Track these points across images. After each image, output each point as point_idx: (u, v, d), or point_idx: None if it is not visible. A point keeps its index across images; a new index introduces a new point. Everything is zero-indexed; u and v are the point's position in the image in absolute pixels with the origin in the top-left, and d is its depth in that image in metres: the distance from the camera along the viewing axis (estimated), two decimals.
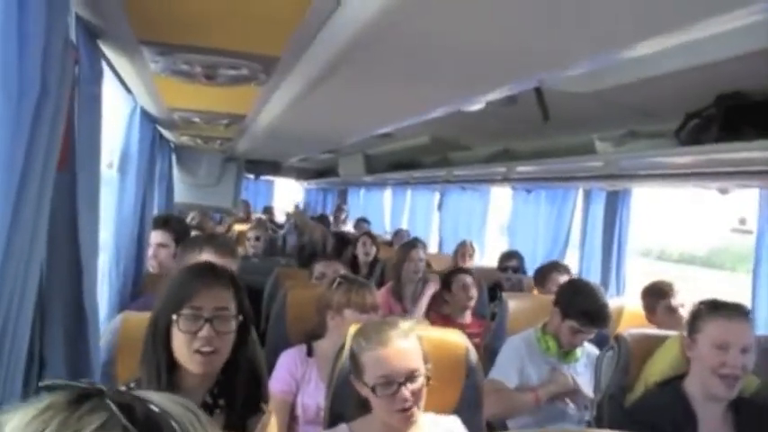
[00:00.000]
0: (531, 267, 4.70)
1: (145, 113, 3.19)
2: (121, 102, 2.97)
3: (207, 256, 2.49)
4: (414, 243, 4.37)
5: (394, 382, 1.76)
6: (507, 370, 2.82)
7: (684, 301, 3.14)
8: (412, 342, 1.83)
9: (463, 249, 5.49)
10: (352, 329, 2.06)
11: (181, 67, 2.08)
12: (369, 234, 5.57)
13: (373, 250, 5.24)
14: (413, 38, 1.64)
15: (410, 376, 1.77)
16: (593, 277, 4.18)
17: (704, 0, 1.21)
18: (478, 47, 1.70)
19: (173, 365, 1.63)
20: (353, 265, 5.07)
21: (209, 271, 1.71)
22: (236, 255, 2.69)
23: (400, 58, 1.89)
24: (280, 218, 10.27)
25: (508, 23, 1.48)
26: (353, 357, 1.87)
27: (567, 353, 2.87)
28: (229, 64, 2.04)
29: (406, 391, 1.75)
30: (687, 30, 1.36)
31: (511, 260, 4.77)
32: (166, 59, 2.03)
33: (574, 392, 2.80)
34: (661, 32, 1.40)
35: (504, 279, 4.64)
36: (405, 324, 1.87)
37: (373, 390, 1.77)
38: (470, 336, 2.32)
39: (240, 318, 1.66)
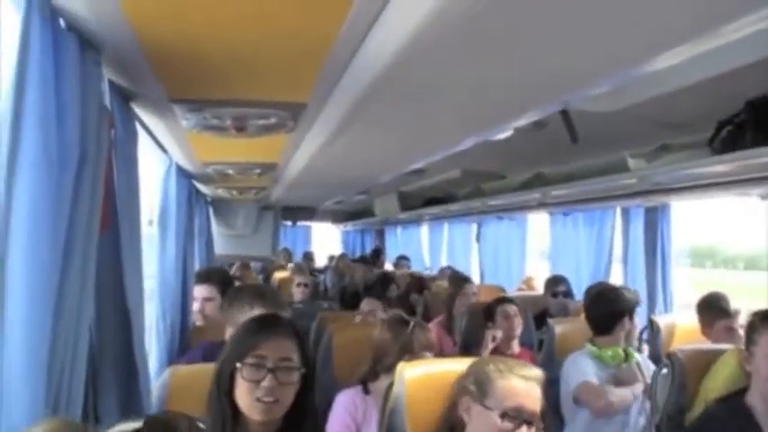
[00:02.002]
0: (575, 291, 4.63)
1: (180, 169, 3.26)
2: (157, 160, 3.05)
3: (258, 311, 2.50)
4: (466, 278, 4.50)
5: (520, 417, 1.79)
6: (586, 374, 2.83)
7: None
8: (541, 391, 1.87)
9: (527, 280, 5.56)
10: (401, 367, 2.06)
11: (211, 121, 2.14)
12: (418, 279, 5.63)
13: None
14: (435, 72, 1.66)
15: (533, 419, 1.80)
16: (640, 288, 4.12)
17: (722, 6, 1.20)
18: (500, 75, 1.72)
19: (236, 414, 1.65)
20: (408, 303, 5.11)
21: (273, 322, 1.74)
22: (285, 307, 2.71)
23: (425, 94, 1.91)
24: (319, 262, 10.31)
25: (529, 49, 1.50)
26: (481, 378, 1.88)
27: (627, 355, 2.89)
28: (258, 114, 2.09)
29: (527, 431, 1.78)
30: (708, 37, 1.36)
31: (559, 285, 4.69)
32: (197, 115, 2.09)
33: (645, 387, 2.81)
34: (682, 42, 1.39)
35: (553, 305, 4.57)
36: (540, 372, 1.92)
37: (501, 417, 1.79)
38: None
39: (303, 369, 1.67)
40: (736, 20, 1.24)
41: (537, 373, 1.90)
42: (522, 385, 1.83)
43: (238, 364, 1.63)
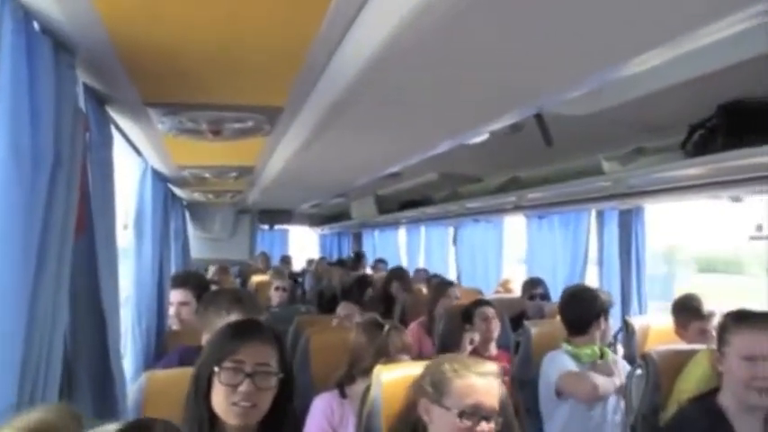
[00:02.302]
0: (551, 292, 4.67)
1: (156, 173, 3.23)
2: (132, 163, 3.03)
3: (235, 316, 2.49)
4: (450, 282, 4.65)
5: (478, 414, 1.80)
6: (566, 366, 2.87)
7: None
8: (498, 386, 1.88)
9: (505, 282, 5.62)
10: (378, 370, 2.07)
11: (187, 125, 2.13)
12: (400, 277, 5.60)
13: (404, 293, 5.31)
14: (411, 76, 1.67)
15: (491, 415, 1.81)
16: (614, 296, 4.16)
17: (695, 10, 1.22)
18: (476, 79, 1.73)
19: (213, 418, 1.64)
20: (387, 304, 5.10)
21: (252, 327, 1.74)
22: (262, 311, 2.70)
23: (401, 97, 1.92)
24: (297, 266, 10.27)
25: (505, 53, 1.51)
26: (437, 378, 1.88)
27: (602, 354, 2.93)
28: (234, 118, 2.08)
29: (486, 427, 1.79)
30: (682, 41, 1.37)
31: (536, 287, 4.72)
32: (173, 119, 2.08)
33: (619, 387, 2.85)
34: (655, 46, 1.41)
35: (530, 307, 4.60)
36: (495, 366, 1.93)
37: (459, 416, 1.79)
38: None
39: (281, 375, 1.67)
40: (709, 24, 1.26)
41: (492, 368, 1.91)
42: (479, 382, 1.84)
43: (216, 369, 1.62)
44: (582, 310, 2.97)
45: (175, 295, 3.42)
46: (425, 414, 1.89)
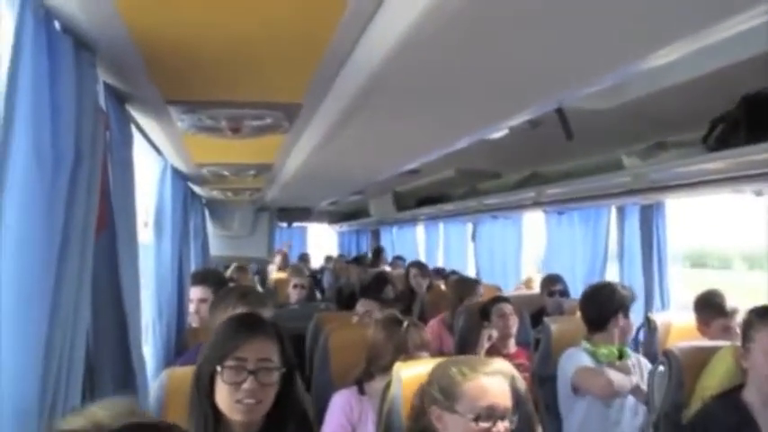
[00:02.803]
0: (571, 289, 4.64)
1: (175, 171, 3.25)
2: (152, 162, 3.05)
3: (240, 310, 2.50)
4: (476, 280, 4.75)
5: (494, 415, 1.76)
6: (583, 362, 2.85)
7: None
8: (509, 383, 1.85)
9: (528, 281, 5.61)
10: (397, 367, 2.06)
11: (206, 122, 2.13)
12: (419, 265, 5.63)
13: (425, 282, 5.31)
14: (430, 71, 1.66)
15: (506, 414, 1.78)
16: (637, 292, 4.12)
17: (716, 3, 1.21)
18: (495, 73, 1.72)
19: (218, 415, 1.64)
20: (410, 299, 5.11)
21: (253, 323, 1.74)
22: (267, 304, 2.70)
23: (419, 93, 1.91)
24: (315, 263, 10.31)
25: (524, 48, 1.50)
26: (446, 385, 1.84)
27: (621, 354, 2.89)
28: (253, 115, 2.08)
29: (502, 427, 1.76)
30: (702, 34, 1.36)
31: (555, 284, 4.70)
32: (192, 117, 2.09)
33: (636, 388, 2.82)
34: (676, 39, 1.39)
35: (550, 304, 4.58)
36: (502, 362, 1.90)
37: (476, 420, 1.76)
38: (517, 367, 2.29)
39: (283, 369, 1.67)
40: (731, 17, 1.24)
41: (501, 365, 1.87)
42: (489, 383, 1.80)
43: (219, 368, 1.63)
44: (600, 307, 2.95)
45: (195, 292, 3.44)
46: (438, 421, 1.85)
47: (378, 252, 9.28)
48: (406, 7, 1.23)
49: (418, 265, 5.63)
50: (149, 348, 2.86)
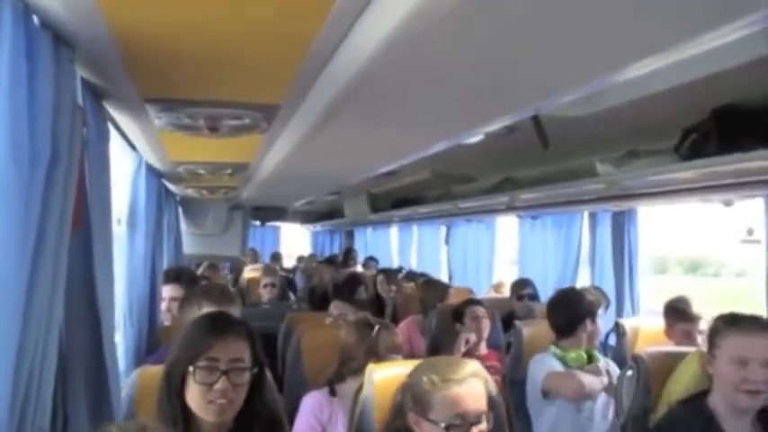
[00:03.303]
0: (542, 293, 4.69)
1: (150, 169, 3.23)
2: (127, 158, 3.02)
3: (207, 308, 2.48)
4: (445, 283, 4.81)
5: (467, 422, 1.77)
6: (553, 366, 2.89)
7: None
8: (482, 384, 1.85)
9: (498, 285, 5.68)
10: (370, 369, 2.07)
11: (184, 121, 2.12)
12: (386, 272, 5.70)
13: (393, 287, 5.36)
14: (410, 77, 1.67)
15: (479, 418, 1.79)
16: (608, 290, 4.18)
17: (693, 18, 1.23)
18: (474, 81, 1.73)
19: (188, 415, 1.64)
20: (378, 304, 5.13)
21: (224, 322, 1.73)
22: (234, 301, 2.69)
23: (399, 97, 1.92)
24: (287, 263, 10.27)
25: (504, 56, 1.51)
26: (419, 393, 1.84)
27: (590, 358, 2.94)
28: (231, 115, 2.07)
29: (477, 430, 1.77)
30: (679, 47, 1.39)
31: (525, 288, 4.74)
32: (170, 115, 2.07)
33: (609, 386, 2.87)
34: (653, 52, 1.42)
35: (519, 308, 4.61)
36: (474, 365, 1.90)
37: (447, 429, 1.76)
38: (489, 369, 2.31)
39: (255, 369, 1.67)
40: (707, 32, 1.27)
41: (473, 368, 1.86)
42: (461, 390, 1.80)
43: (191, 368, 1.62)
44: (568, 312, 2.99)
45: (167, 290, 3.42)
46: (415, 425, 1.85)
47: (348, 252, 9.27)
48: (387, 13, 1.24)
49: (385, 272, 5.74)
50: (121, 347, 2.83)
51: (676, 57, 1.45)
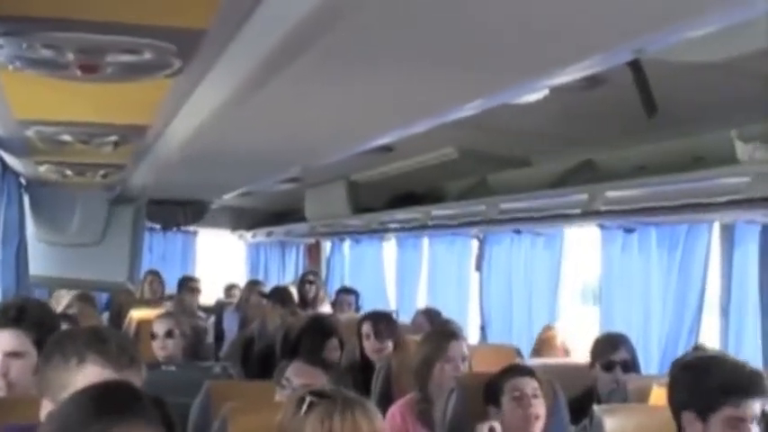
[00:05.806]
0: (643, 355, 4.69)
1: None
2: None
3: (92, 369, 2.49)
4: (450, 331, 4.49)
5: None
6: None
7: None
8: None
9: (547, 337, 5.61)
10: None
11: (40, 53, 2.13)
12: (374, 319, 5.55)
13: (388, 344, 5.25)
14: None
15: None
16: (752, 358, 4.20)
17: None
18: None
19: None
20: (365, 369, 5.11)
21: (126, 400, 1.74)
22: (137, 362, 2.70)
23: (404, 19, 1.93)
24: (207, 298, 10.23)
25: None
26: None
27: None
28: (122, 46, 2.09)
29: None
30: None
31: (617, 349, 4.72)
32: (14, 42, 2.08)
33: None
34: None
35: (605, 383, 4.60)
36: None
37: None
38: None
39: None
40: None
41: None
42: None
43: None
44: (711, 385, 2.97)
45: (1, 340, 3.43)
46: None
47: (310, 281, 9.25)
48: None
49: (373, 319, 5.51)
50: None
51: None
